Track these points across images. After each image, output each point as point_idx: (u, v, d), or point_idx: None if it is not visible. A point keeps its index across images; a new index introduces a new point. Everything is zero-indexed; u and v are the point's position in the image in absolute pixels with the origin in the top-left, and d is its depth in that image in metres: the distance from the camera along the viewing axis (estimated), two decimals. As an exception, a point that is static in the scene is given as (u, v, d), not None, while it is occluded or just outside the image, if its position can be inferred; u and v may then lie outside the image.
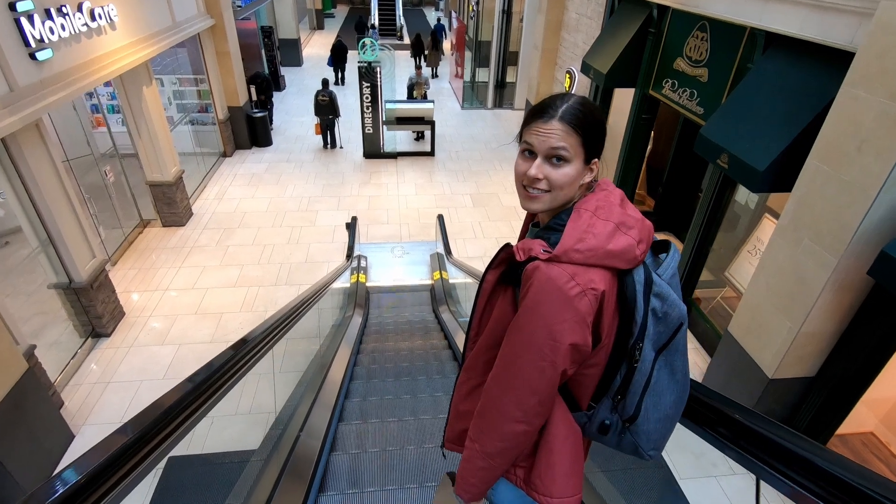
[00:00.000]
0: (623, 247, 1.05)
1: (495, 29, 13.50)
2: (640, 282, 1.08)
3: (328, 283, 5.06)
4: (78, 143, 6.73)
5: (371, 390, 4.28)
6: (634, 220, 1.10)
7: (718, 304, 6.05)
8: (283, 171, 9.84)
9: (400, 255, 7.56)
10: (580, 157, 1.12)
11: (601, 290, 1.03)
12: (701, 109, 5.66)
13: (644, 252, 1.09)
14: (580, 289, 1.01)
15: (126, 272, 6.77)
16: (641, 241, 1.08)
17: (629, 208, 1.13)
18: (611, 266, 1.05)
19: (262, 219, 8.17)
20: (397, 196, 9.13)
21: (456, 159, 10.66)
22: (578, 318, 1.02)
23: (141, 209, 7.72)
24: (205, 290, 6.53)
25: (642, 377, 1.10)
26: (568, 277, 1.01)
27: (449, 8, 24.80)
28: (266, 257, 7.23)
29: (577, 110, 1.10)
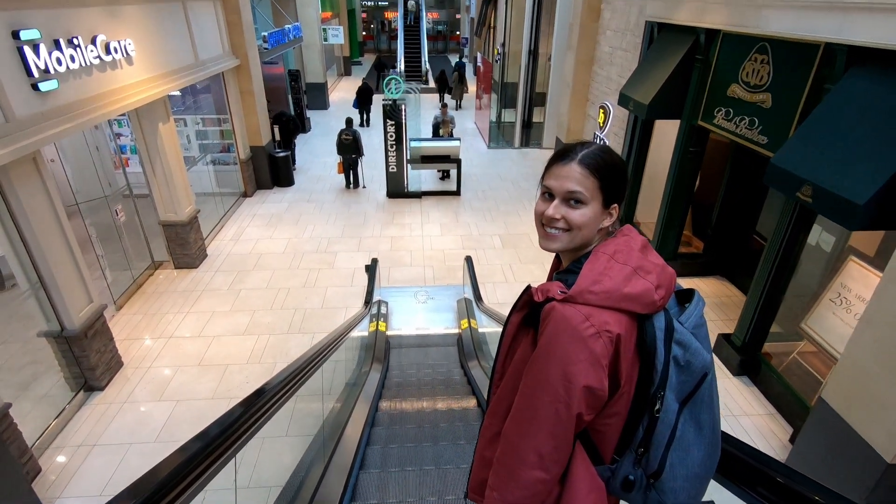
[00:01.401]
0: (640, 290, 1.05)
1: (522, 70, 13.29)
2: (661, 328, 1.07)
3: (344, 334, 4.45)
4: (97, 182, 6.47)
5: (388, 458, 3.59)
6: (654, 265, 1.10)
7: (794, 361, 5.18)
8: (304, 210, 9.47)
9: (424, 300, 6.94)
10: (598, 201, 1.14)
11: (616, 332, 1.02)
12: (764, 138, 5.01)
13: (664, 298, 1.08)
14: (595, 329, 1.01)
15: (131, 317, 6.31)
16: (661, 287, 1.07)
17: (650, 254, 1.14)
18: (627, 309, 1.05)
19: (279, 261, 7.71)
20: (421, 237, 8.60)
21: (483, 199, 10.15)
22: (593, 359, 1.01)
23: (153, 250, 7.36)
24: (212, 338, 5.99)
25: (666, 428, 1.07)
26: (583, 318, 1.02)
27: (474, 52, 25.16)
28: (279, 302, 6.70)
29: (596, 155, 1.13)
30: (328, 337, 4.17)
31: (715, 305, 6.65)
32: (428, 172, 11.17)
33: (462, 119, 16.13)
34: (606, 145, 1.18)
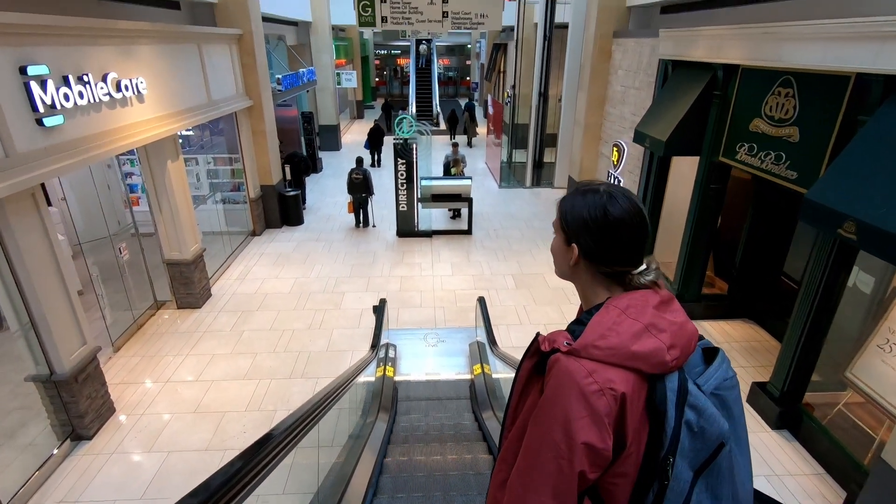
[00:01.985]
0: (649, 349, 1.01)
1: (532, 111, 13.37)
2: (673, 389, 1.01)
3: (348, 381, 4.13)
4: (105, 221, 6.37)
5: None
6: (670, 323, 1.06)
7: (840, 413, 4.72)
8: (312, 250, 9.30)
9: (434, 343, 6.60)
10: (561, 235, 1.20)
11: (621, 391, 0.99)
12: (793, 173, 4.76)
13: (678, 358, 1.03)
14: (598, 387, 0.98)
15: (128, 360, 6.03)
16: (674, 347, 1.03)
17: (669, 311, 1.09)
18: (635, 368, 1.01)
19: (284, 301, 7.46)
20: (432, 276, 8.34)
21: (495, 238, 9.93)
22: (595, 416, 0.98)
23: (156, 290, 7.16)
24: (210, 382, 5.67)
25: (677, 498, 1.00)
26: (586, 373, 0.99)
27: (484, 96, 25.67)
28: (283, 344, 6.40)
29: (569, 193, 1.19)
30: (332, 384, 3.86)
31: (744, 350, 6.23)
32: (439, 211, 11.04)
33: (473, 159, 16.17)
34: (595, 188, 1.14)
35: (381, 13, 6.02)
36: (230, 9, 8.45)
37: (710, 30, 5.83)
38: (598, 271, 1.15)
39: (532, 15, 15.18)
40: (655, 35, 7.44)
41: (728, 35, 5.52)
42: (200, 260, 7.26)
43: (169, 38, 6.38)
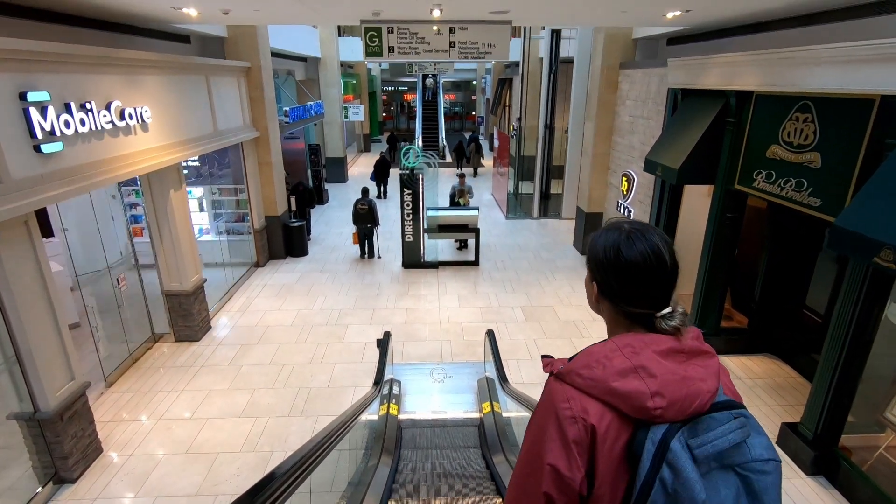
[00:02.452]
0: (629, 390, 0.97)
1: (539, 143, 13.36)
2: (654, 441, 0.95)
3: (349, 421, 3.85)
4: (108, 251, 6.23)
5: None
6: (667, 370, 0.99)
7: (882, 457, 4.35)
8: (316, 281, 9.10)
9: (440, 378, 6.30)
10: (588, 270, 1.21)
11: (591, 423, 0.98)
12: (817, 200, 4.56)
13: (663, 409, 0.96)
14: (572, 413, 0.99)
15: (120, 396, 5.77)
16: (660, 395, 0.96)
17: (680, 361, 1.02)
18: (614, 405, 0.99)
19: (286, 334, 7.21)
20: (438, 309, 8.08)
21: (503, 269, 9.70)
22: (563, 441, 0.98)
23: (155, 322, 6.95)
24: (204, 420, 5.38)
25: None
26: (565, 398, 1.01)
27: (490, 129, 25.92)
28: (283, 380, 6.12)
29: (597, 231, 1.18)
30: (332, 425, 3.59)
31: (769, 388, 5.88)
32: (445, 242, 10.87)
33: (479, 190, 16.12)
34: (619, 225, 1.15)
35: (388, 43, 6.00)
36: (239, 43, 8.55)
37: (722, 57, 5.75)
38: (618, 310, 1.14)
39: (537, 50, 15.40)
40: (663, 65, 7.40)
41: (741, 62, 5.42)
42: (200, 291, 7.07)
43: (176, 69, 6.39)
